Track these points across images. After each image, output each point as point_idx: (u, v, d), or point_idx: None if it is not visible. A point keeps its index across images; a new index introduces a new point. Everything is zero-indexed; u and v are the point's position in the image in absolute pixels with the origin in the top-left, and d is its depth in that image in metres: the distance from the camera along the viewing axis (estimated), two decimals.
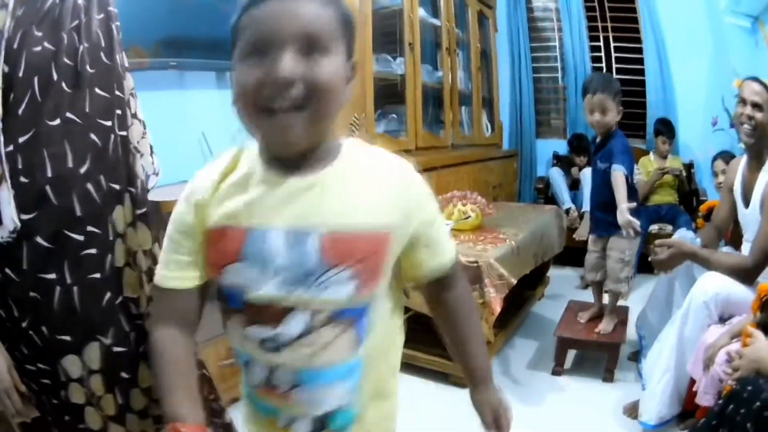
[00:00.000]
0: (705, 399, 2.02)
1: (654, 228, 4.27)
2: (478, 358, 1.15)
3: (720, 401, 1.75)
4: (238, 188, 0.94)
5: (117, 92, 1.29)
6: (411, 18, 3.65)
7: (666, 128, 4.70)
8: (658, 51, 4.99)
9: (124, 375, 1.29)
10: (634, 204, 2.65)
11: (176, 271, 0.98)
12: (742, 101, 2.39)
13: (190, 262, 0.97)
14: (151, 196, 1.40)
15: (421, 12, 3.85)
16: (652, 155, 4.73)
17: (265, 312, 0.92)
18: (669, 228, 4.19)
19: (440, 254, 1.05)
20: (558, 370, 2.88)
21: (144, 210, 1.33)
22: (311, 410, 0.97)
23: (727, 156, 3.63)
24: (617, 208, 2.64)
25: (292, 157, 0.91)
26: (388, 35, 3.55)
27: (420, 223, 0.98)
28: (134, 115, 1.35)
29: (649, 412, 2.29)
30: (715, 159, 3.89)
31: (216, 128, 2.77)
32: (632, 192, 2.71)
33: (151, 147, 1.41)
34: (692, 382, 2.19)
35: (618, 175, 2.67)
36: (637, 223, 2.61)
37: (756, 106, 2.34)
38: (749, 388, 1.62)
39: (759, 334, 1.80)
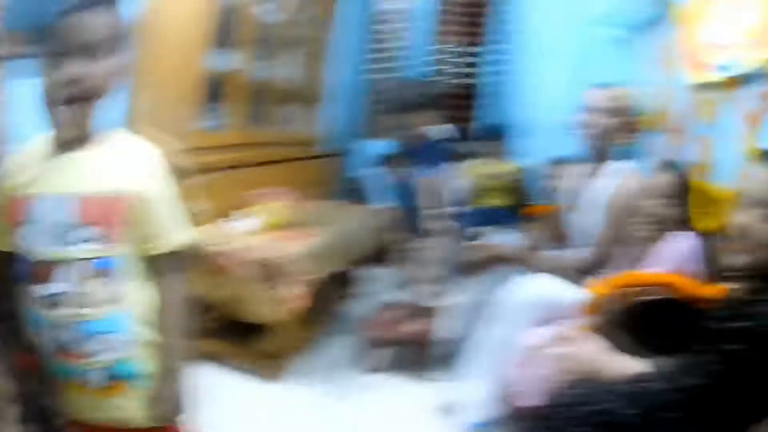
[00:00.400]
0: (527, 400, 2.09)
1: (475, 230, 4.51)
2: (162, 354, 1.35)
3: (545, 403, 1.75)
4: (29, 165, 1.25)
5: None
6: (247, 13, 3.73)
7: (497, 133, 4.95)
8: (509, 55, 5.21)
9: None
10: (450, 208, 2.84)
11: None
12: (589, 107, 2.52)
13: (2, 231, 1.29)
14: None
15: (260, 8, 3.92)
16: (480, 159, 4.87)
17: (41, 269, 1.22)
18: (491, 230, 4.44)
19: (157, 236, 1.33)
20: (369, 368, 3.01)
21: None
22: (96, 361, 1.25)
23: (561, 161, 3.70)
24: (431, 211, 2.83)
25: (68, 139, 1.23)
26: (224, 30, 3.56)
27: (148, 200, 1.28)
28: None
29: (468, 411, 2.41)
30: (548, 164, 4.02)
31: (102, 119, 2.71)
32: (450, 195, 2.88)
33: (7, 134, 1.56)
34: (512, 382, 2.25)
35: (429, 179, 2.84)
36: (451, 225, 2.80)
37: (603, 112, 2.47)
38: (575, 391, 1.63)
39: (588, 337, 1.88)
